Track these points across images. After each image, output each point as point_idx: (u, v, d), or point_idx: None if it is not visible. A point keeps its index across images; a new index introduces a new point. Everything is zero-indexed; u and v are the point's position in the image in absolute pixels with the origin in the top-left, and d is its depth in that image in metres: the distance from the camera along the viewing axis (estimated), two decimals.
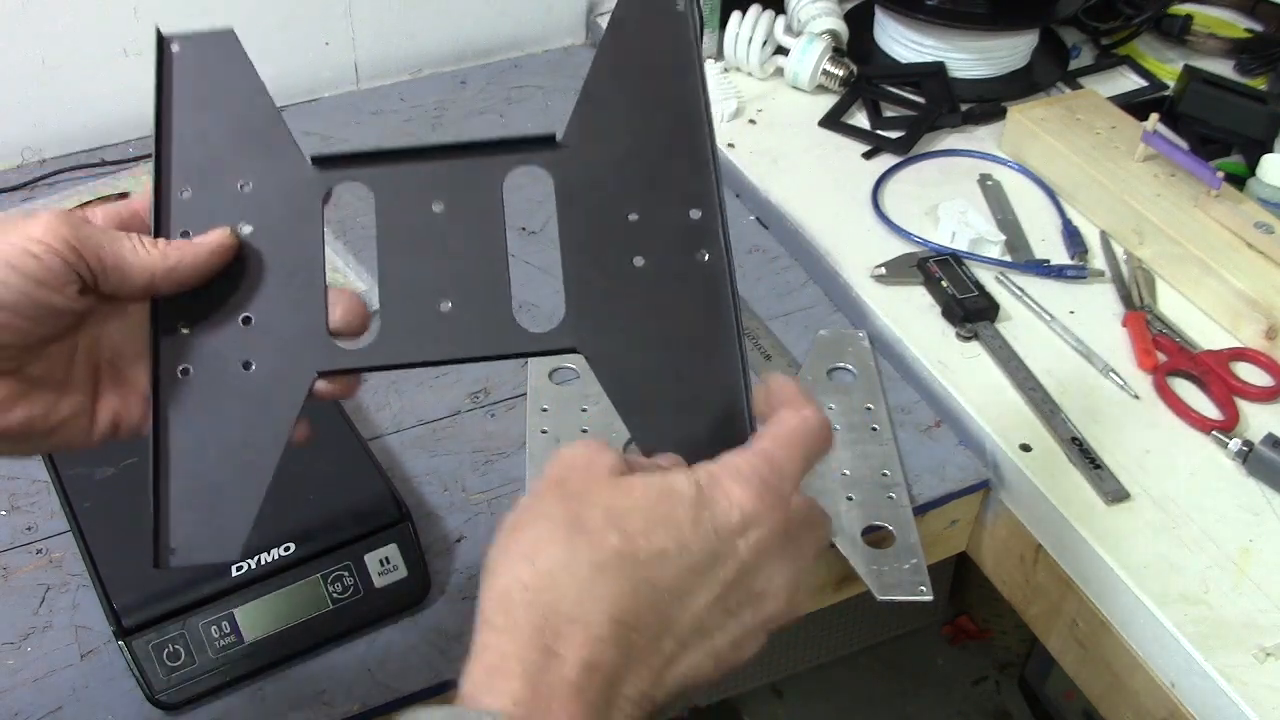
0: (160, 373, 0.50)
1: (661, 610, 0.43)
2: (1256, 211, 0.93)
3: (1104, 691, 0.78)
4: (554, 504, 0.44)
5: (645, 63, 0.54)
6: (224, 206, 0.52)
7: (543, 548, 0.43)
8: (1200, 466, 0.80)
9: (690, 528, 0.44)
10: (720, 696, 1.45)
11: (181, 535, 0.49)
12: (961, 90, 1.15)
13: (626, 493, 0.44)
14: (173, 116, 0.53)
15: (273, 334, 0.51)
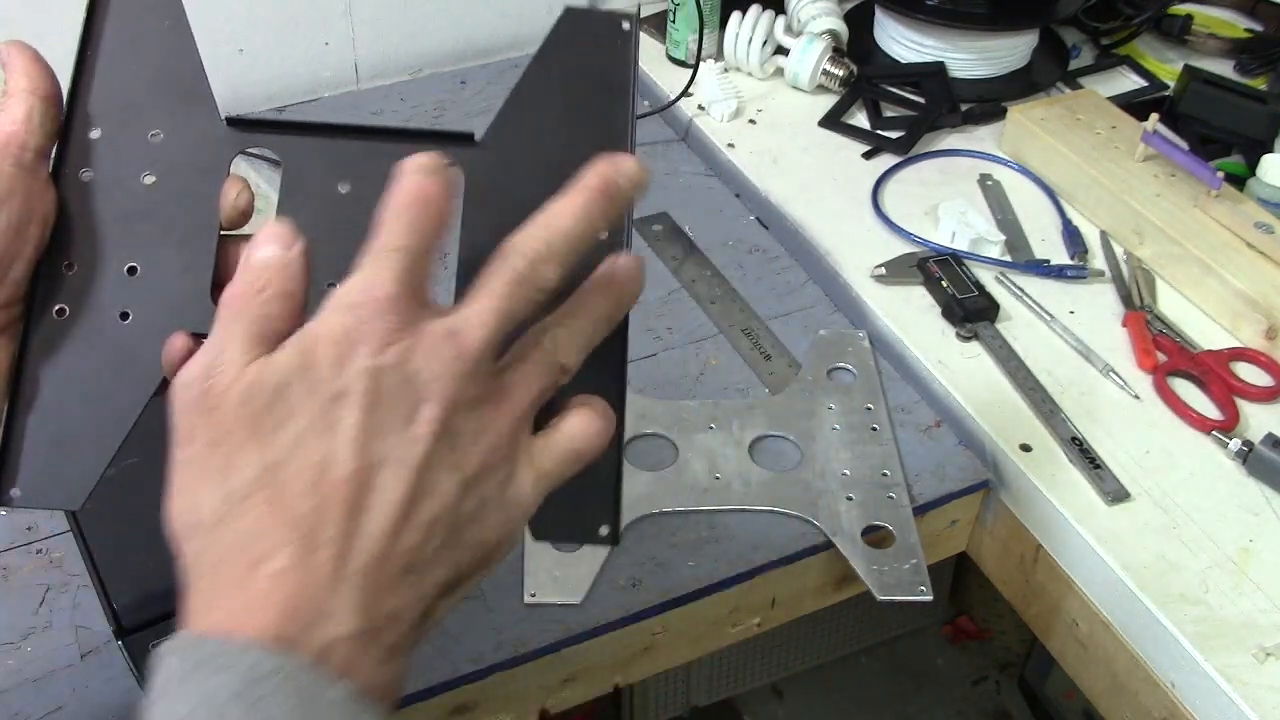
0: (36, 306, 0.49)
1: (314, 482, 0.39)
2: (1256, 211, 0.93)
3: (1104, 691, 0.78)
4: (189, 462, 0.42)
5: (580, 77, 0.52)
6: (131, 152, 0.51)
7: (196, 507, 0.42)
8: (1200, 466, 0.80)
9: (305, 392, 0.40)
10: (720, 696, 1.45)
11: (28, 476, 0.49)
12: (961, 90, 1.15)
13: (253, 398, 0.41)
14: (98, 55, 0.52)
15: (156, 289, 0.50)
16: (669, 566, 0.75)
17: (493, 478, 0.41)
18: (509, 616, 0.72)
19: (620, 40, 0.53)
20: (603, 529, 0.48)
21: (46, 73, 0.50)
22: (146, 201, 0.50)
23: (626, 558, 0.76)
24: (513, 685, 0.72)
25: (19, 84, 0.49)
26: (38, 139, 0.48)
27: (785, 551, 0.77)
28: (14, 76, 0.49)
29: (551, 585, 0.73)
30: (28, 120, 0.48)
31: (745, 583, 0.76)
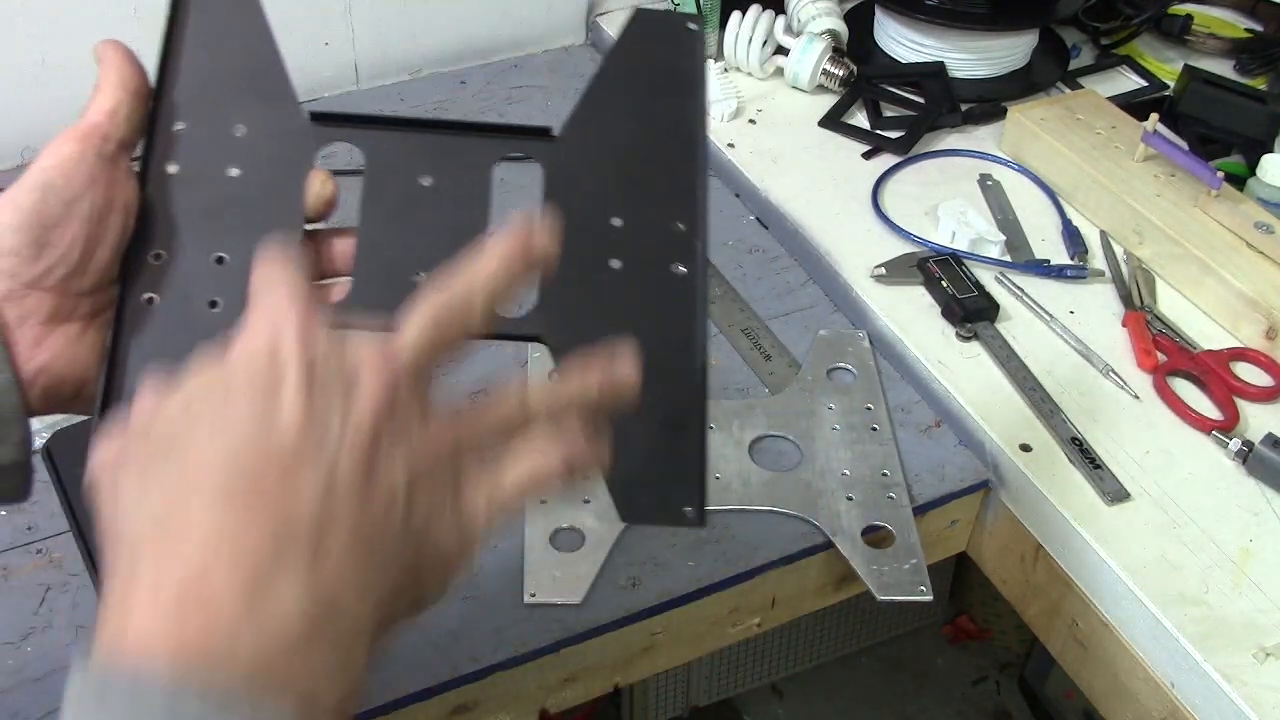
0: (127, 294, 0.50)
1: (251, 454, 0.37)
2: (1256, 211, 0.93)
3: (1104, 691, 0.78)
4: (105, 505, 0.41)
5: (651, 76, 0.54)
6: (215, 146, 0.52)
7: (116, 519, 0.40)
8: (1200, 466, 0.80)
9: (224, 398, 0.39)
10: (720, 696, 1.45)
11: None
12: (961, 90, 1.15)
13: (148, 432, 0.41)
14: (181, 53, 0.53)
15: (244, 278, 0.50)
16: (669, 566, 0.75)
17: (443, 479, 0.41)
18: (509, 616, 0.72)
19: (687, 40, 0.55)
20: (688, 509, 0.49)
21: (136, 70, 0.51)
22: (232, 194, 0.52)
23: (626, 558, 0.76)
24: (513, 685, 0.72)
25: (109, 78, 0.50)
26: (121, 131, 0.49)
27: (785, 551, 0.77)
28: (105, 71, 0.51)
29: (551, 585, 0.73)
30: (113, 113, 0.49)
31: (745, 583, 0.76)
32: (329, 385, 0.39)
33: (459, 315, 0.43)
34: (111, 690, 0.34)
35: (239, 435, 0.38)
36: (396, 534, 0.39)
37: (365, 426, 0.39)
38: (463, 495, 0.42)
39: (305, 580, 0.36)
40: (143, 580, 0.36)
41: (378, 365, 0.40)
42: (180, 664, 0.34)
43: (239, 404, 0.38)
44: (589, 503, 0.78)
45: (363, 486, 0.38)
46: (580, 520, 0.77)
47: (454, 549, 0.41)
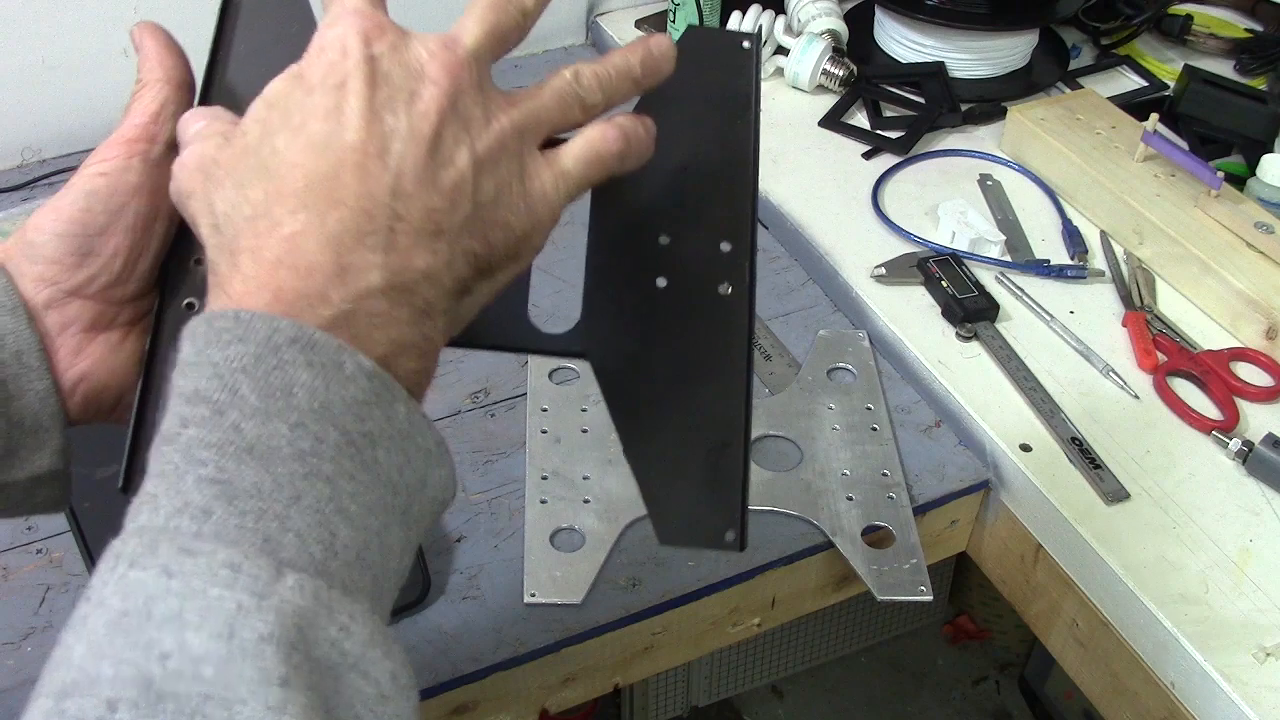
0: (166, 300, 0.50)
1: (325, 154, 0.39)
2: (1256, 211, 0.93)
3: (1104, 691, 0.78)
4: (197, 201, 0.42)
5: (703, 93, 0.54)
6: None
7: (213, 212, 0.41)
8: (1200, 466, 0.80)
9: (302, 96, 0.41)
10: (720, 696, 1.45)
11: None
12: (961, 90, 1.15)
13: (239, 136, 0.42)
14: (229, 58, 0.53)
15: None
16: (669, 566, 0.75)
17: (508, 164, 0.42)
18: (509, 616, 0.72)
19: (742, 58, 0.55)
20: (729, 534, 0.48)
21: (178, 59, 0.50)
22: None
23: (626, 558, 0.76)
24: (513, 685, 0.72)
25: (153, 73, 0.49)
26: (168, 131, 0.49)
27: (785, 551, 0.77)
28: (147, 64, 0.50)
29: (551, 585, 0.73)
30: (158, 115, 0.49)
31: (745, 583, 0.76)
32: (393, 79, 0.40)
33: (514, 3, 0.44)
34: (217, 320, 0.37)
35: (313, 136, 0.39)
36: (465, 216, 0.40)
37: (430, 115, 0.40)
38: (528, 174, 0.43)
39: (382, 260, 0.38)
40: (242, 264, 0.38)
41: (441, 56, 0.41)
42: (277, 306, 0.37)
43: (310, 106, 0.40)
44: (589, 503, 0.78)
45: (429, 174, 0.40)
46: (580, 520, 0.77)
47: (523, 224, 0.42)
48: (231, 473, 0.34)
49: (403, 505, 0.37)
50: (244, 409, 0.35)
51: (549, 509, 0.77)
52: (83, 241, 0.47)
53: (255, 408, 0.35)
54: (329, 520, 0.35)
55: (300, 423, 0.35)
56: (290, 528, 0.34)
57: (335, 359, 0.36)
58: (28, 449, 0.48)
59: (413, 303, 0.39)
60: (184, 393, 0.36)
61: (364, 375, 0.37)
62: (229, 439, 0.35)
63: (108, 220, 0.47)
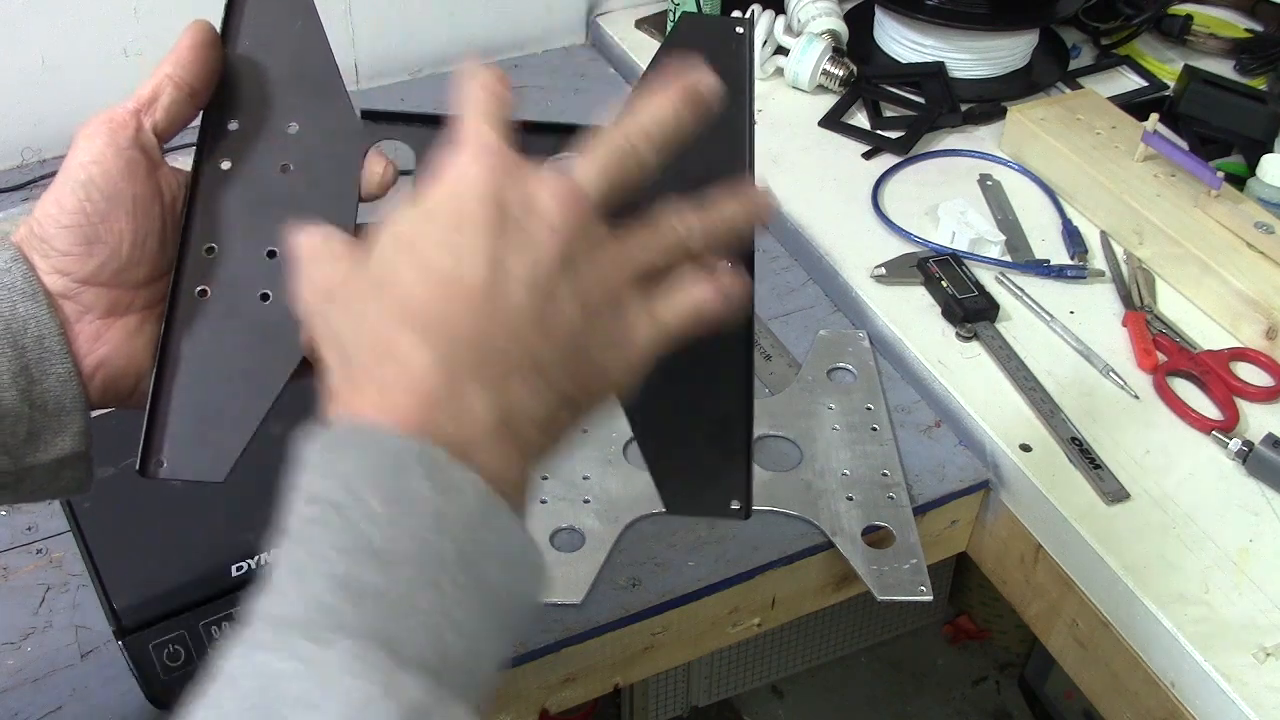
0: (180, 287, 0.51)
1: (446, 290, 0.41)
2: (1256, 211, 0.93)
3: (1104, 691, 0.78)
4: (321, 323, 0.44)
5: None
6: (268, 143, 0.53)
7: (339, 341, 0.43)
8: (1200, 466, 0.80)
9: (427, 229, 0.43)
10: (720, 696, 1.45)
11: (173, 449, 0.50)
12: (961, 90, 1.15)
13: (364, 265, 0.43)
14: (235, 52, 0.54)
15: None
16: (669, 566, 0.75)
17: (610, 312, 0.43)
18: None
19: (735, 43, 0.56)
20: (734, 503, 0.50)
21: (195, 64, 0.51)
22: (284, 189, 0.53)
23: (626, 558, 0.76)
24: (513, 685, 0.72)
25: (163, 67, 0.51)
26: (157, 117, 0.50)
27: (785, 551, 0.77)
28: (167, 57, 0.51)
29: (551, 585, 0.73)
30: (149, 100, 0.50)
31: (745, 583, 0.76)
32: (516, 222, 0.42)
33: (635, 151, 0.45)
34: (344, 430, 0.39)
35: (436, 272, 0.41)
36: (567, 361, 0.42)
37: (547, 262, 0.42)
38: (628, 324, 0.44)
39: (492, 397, 0.40)
40: (366, 390, 0.41)
41: (563, 203, 0.43)
42: (401, 429, 0.39)
43: (436, 242, 0.42)
44: (589, 503, 0.78)
45: (540, 319, 0.41)
46: (580, 520, 0.77)
47: (618, 371, 0.44)
48: (357, 574, 0.36)
49: (502, 618, 0.39)
50: (370, 516, 0.37)
51: (549, 509, 0.77)
52: (87, 230, 0.48)
53: (380, 516, 0.37)
54: (441, 627, 0.37)
55: (420, 534, 0.37)
56: (408, 630, 0.36)
57: (454, 477, 0.38)
58: (51, 432, 0.49)
59: (514, 440, 0.41)
60: (311, 494, 0.38)
61: (478, 495, 0.39)
62: (355, 543, 0.37)
63: (108, 207, 0.48)
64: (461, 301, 0.41)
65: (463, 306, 0.41)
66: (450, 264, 0.41)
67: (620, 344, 0.44)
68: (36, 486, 0.50)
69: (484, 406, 0.40)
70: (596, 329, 0.43)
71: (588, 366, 0.43)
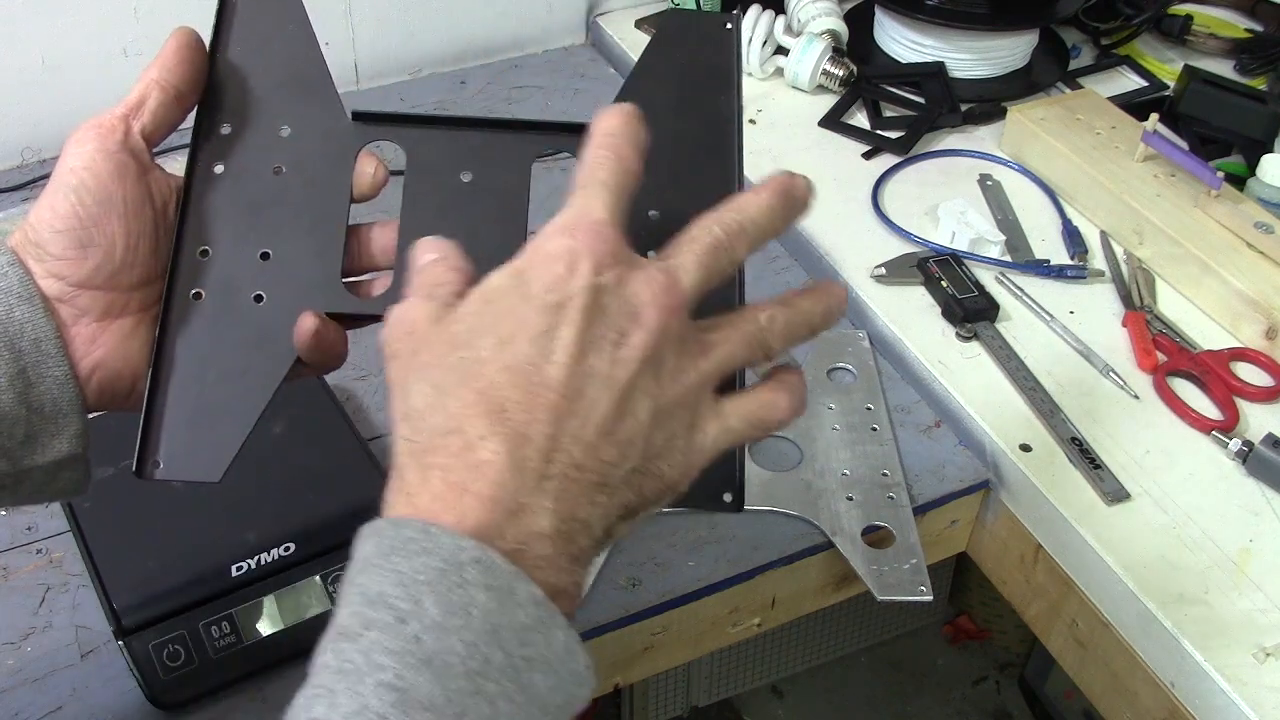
0: (174, 290, 0.52)
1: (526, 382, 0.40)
2: (1256, 211, 0.93)
3: (1104, 691, 0.78)
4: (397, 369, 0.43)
5: (686, 73, 0.55)
6: (260, 146, 0.53)
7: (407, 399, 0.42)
8: (1200, 466, 0.80)
9: (518, 301, 0.41)
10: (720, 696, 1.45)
11: (169, 450, 0.51)
12: (961, 90, 1.15)
13: (452, 320, 0.43)
14: (226, 56, 0.54)
15: (288, 272, 0.52)
16: (669, 566, 0.75)
17: (683, 416, 0.43)
18: None
19: (723, 39, 0.56)
20: (726, 495, 0.50)
21: (185, 69, 0.51)
22: (277, 191, 0.53)
23: (626, 558, 0.76)
24: None
25: (149, 72, 0.51)
26: (144, 121, 0.50)
27: (785, 551, 0.77)
28: (154, 62, 0.51)
29: None
30: (137, 105, 0.50)
31: (745, 583, 0.76)
32: (609, 315, 0.41)
33: (731, 249, 0.44)
34: (405, 529, 0.38)
35: (517, 355, 0.40)
36: (630, 469, 0.41)
37: (631, 363, 0.41)
38: (697, 426, 0.43)
39: (553, 507, 0.40)
40: (432, 481, 0.40)
41: (659, 301, 0.42)
42: (460, 528, 0.38)
43: (523, 319, 0.41)
44: None
45: (611, 424, 0.41)
46: None
47: (676, 475, 0.43)
48: (409, 681, 0.36)
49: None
50: (425, 621, 0.37)
51: None
52: (80, 234, 0.48)
53: (436, 622, 0.37)
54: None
55: (474, 642, 0.37)
56: None
57: (510, 584, 0.38)
58: (48, 434, 0.49)
59: (570, 550, 0.40)
60: (367, 594, 0.38)
61: (533, 603, 0.38)
62: (409, 648, 0.36)
63: (100, 210, 0.48)
64: (540, 400, 0.40)
65: (541, 406, 0.40)
66: (535, 354, 0.40)
67: (686, 449, 0.43)
68: (34, 489, 0.50)
69: (545, 516, 0.40)
70: (664, 432, 0.42)
71: (652, 474, 0.42)
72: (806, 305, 0.46)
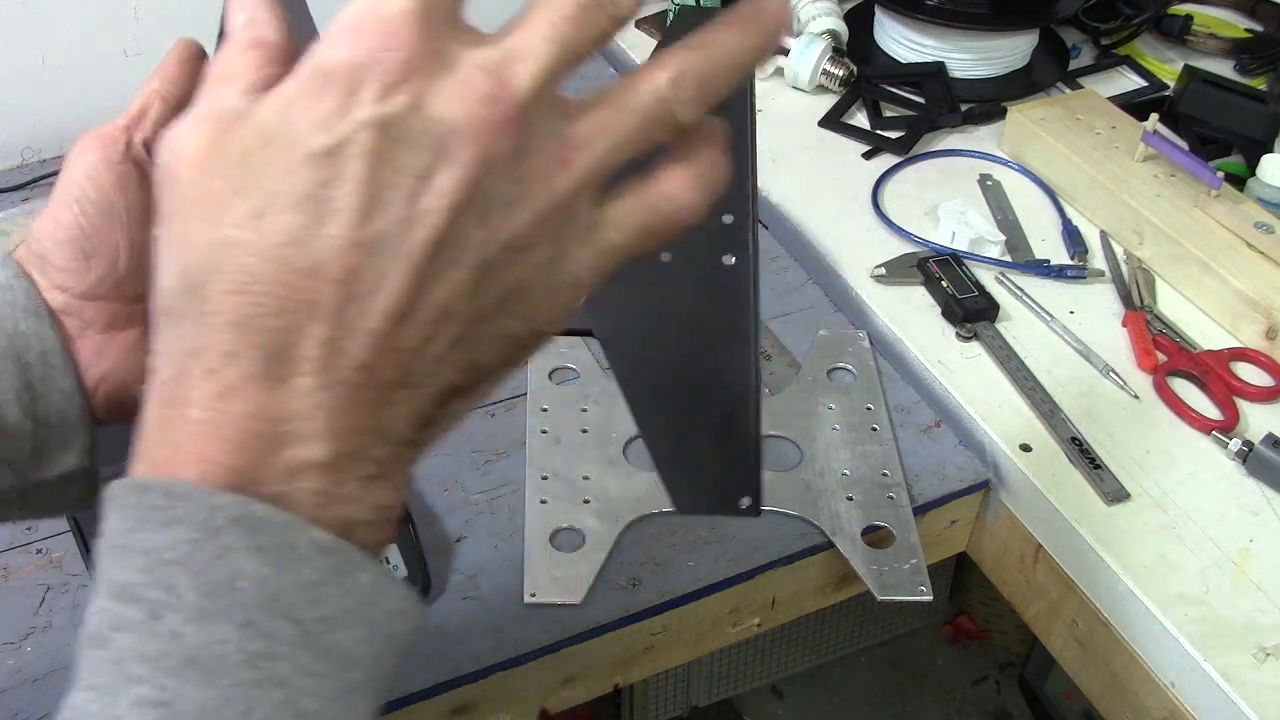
0: None
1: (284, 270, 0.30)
2: (1256, 211, 0.93)
3: (1104, 691, 0.78)
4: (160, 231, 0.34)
5: None
6: None
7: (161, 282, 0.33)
8: (1200, 466, 0.80)
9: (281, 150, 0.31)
10: (720, 696, 1.45)
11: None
12: (961, 90, 1.15)
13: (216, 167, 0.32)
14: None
15: None
16: (669, 566, 0.75)
17: (536, 253, 0.32)
18: (509, 616, 0.72)
19: None
20: (744, 501, 0.50)
21: (184, 77, 0.51)
22: None
23: (626, 558, 0.76)
24: (513, 685, 0.72)
25: (151, 83, 0.50)
26: (146, 132, 0.49)
27: (785, 551, 0.77)
28: (154, 73, 0.50)
29: (551, 585, 0.73)
30: (139, 115, 0.49)
31: (745, 583, 0.76)
32: (406, 148, 0.30)
33: (604, 7, 0.33)
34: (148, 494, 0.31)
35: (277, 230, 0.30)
36: (446, 346, 0.32)
37: (436, 214, 0.31)
38: (562, 255, 0.33)
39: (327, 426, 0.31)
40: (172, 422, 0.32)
41: (478, 119, 0.31)
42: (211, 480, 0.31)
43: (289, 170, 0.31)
44: (589, 503, 0.78)
45: (409, 307, 0.31)
46: (580, 520, 0.77)
47: (533, 327, 0.34)
48: (173, 691, 0.29)
49: (365, 677, 0.32)
50: (183, 610, 0.30)
51: (549, 509, 0.77)
52: (84, 244, 0.48)
53: (196, 608, 0.30)
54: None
55: (249, 621, 0.30)
56: None
57: (285, 539, 0.30)
58: (56, 448, 0.49)
59: (360, 471, 0.32)
60: (113, 585, 0.31)
61: (318, 552, 0.31)
62: (167, 649, 0.30)
63: (102, 220, 0.48)
64: (302, 292, 0.30)
65: (302, 301, 0.30)
66: (297, 228, 0.30)
67: (547, 289, 0.33)
68: (43, 503, 0.50)
69: (321, 444, 0.31)
70: (503, 282, 0.32)
71: (480, 337, 0.33)
72: (729, 41, 0.34)
